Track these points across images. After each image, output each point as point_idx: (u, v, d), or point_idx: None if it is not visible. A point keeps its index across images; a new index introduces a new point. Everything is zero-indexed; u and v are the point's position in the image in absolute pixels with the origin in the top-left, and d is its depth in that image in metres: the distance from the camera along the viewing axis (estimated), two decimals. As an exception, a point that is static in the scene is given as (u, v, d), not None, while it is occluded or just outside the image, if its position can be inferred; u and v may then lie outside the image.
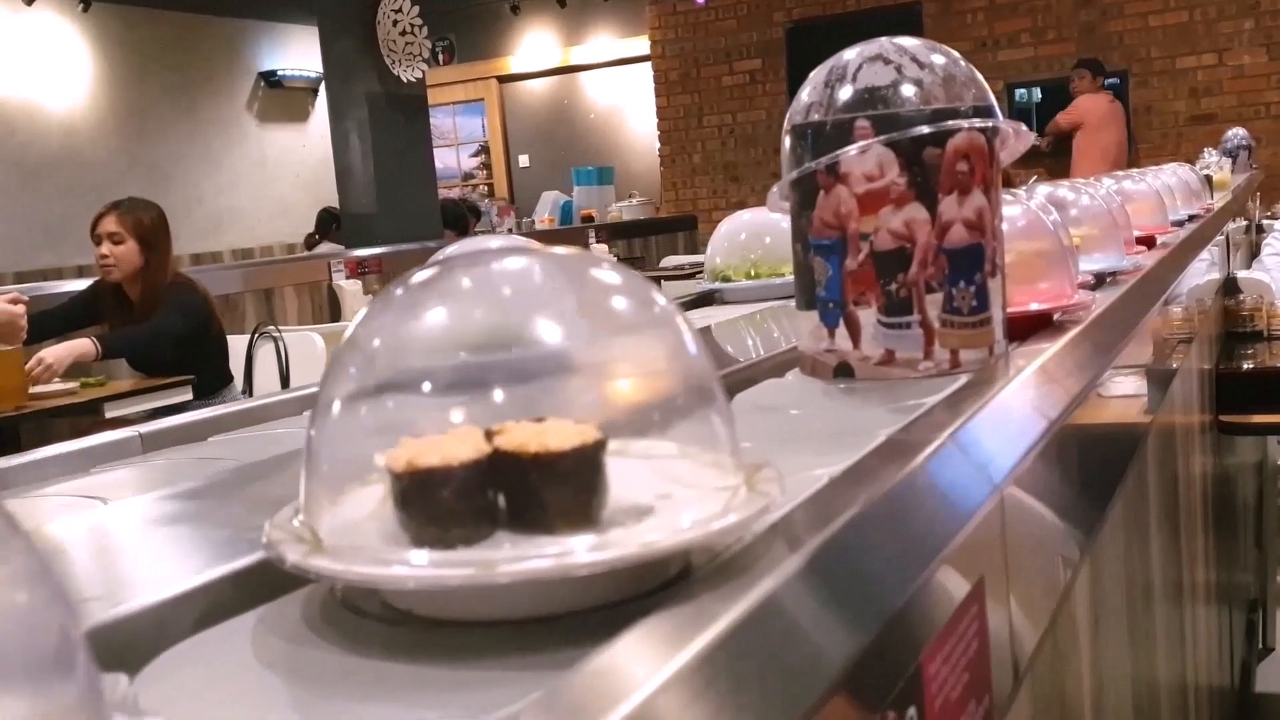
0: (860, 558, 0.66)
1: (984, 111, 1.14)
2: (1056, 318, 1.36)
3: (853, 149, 1.11)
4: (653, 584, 0.60)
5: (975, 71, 1.17)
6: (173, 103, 10.76)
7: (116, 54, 10.43)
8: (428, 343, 0.65)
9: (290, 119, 11.78)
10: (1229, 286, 3.88)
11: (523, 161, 12.89)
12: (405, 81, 8.19)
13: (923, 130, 1.10)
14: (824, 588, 0.60)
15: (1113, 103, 9.84)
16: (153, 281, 4.53)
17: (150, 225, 4.55)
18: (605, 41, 12.44)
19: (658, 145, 11.88)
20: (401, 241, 7.72)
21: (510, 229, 9.15)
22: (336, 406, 0.63)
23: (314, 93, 11.62)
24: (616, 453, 0.62)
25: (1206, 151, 6.27)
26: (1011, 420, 1.03)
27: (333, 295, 7.12)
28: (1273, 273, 4.18)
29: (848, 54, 1.16)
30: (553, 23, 12.53)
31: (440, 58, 11.67)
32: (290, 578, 0.61)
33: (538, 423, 0.61)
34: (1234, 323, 3.75)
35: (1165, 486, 2.02)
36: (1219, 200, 4.58)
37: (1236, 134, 8.22)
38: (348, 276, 7.21)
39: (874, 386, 1.11)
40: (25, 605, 0.32)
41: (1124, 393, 1.59)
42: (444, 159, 12.09)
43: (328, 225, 8.97)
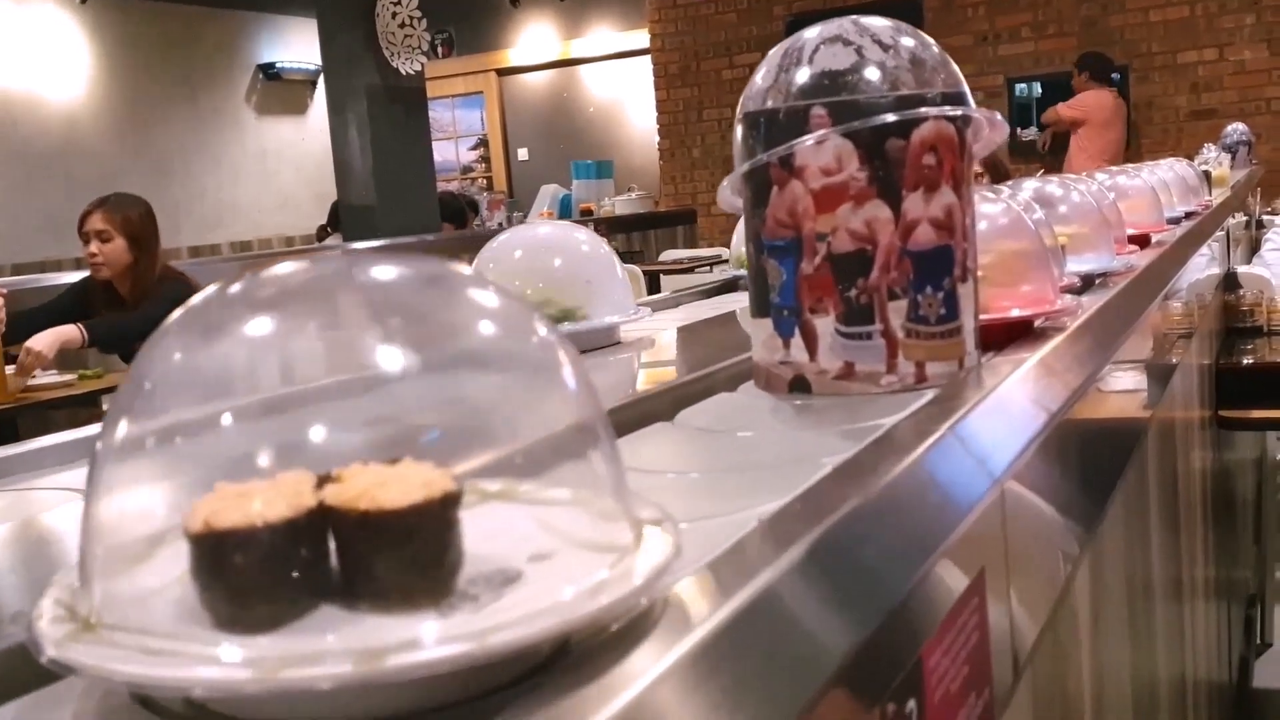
0: (860, 551, 0.66)
1: (954, 99, 1.02)
2: (1038, 324, 1.24)
3: (807, 140, 0.99)
4: (515, 673, 0.48)
5: (946, 55, 1.05)
6: (171, 95, 10.64)
7: (116, 46, 10.32)
8: (253, 366, 0.53)
9: (289, 112, 11.66)
10: (1229, 282, 3.82)
11: (522, 155, 12.76)
12: (404, 74, 8.12)
13: (885, 119, 0.98)
14: (824, 580, 0.60)
15: (1118, 100, 9.69)
16: (143, 277, 4.45)
17: (138, 221, 4.46)
18: (605, 34, 12.30)
19: (657, 139, 11.75)
20: (400, 235, 7.65)
21: (501, 223, 9.03)
22: (128, 441, 0.51)
23: (313, 85, 11.50)
24: (482, 503, 0.51)
25: (1206, 147, 6.14)
26: (1013, 412, 1.02)
27: (332, 289, 7.04)
28: (1273, 268, 4.10)
29: (808, 33, 1.04)
30: (552, 16, 12.40)
31: (439, 50, 11.55)
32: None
33: (391, 465, 0.49)
34: (1234, 318, 3.68)
35: (1165, 482, 1.98)
36: (1218, 196, 4.45)
37: (1236, 129, 8.08)
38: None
39: (831, 404, 1.00)
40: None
41: (1124, 388, 1.55)
42: (443, 152, 11.96)
43: (338, 217, 8.87)
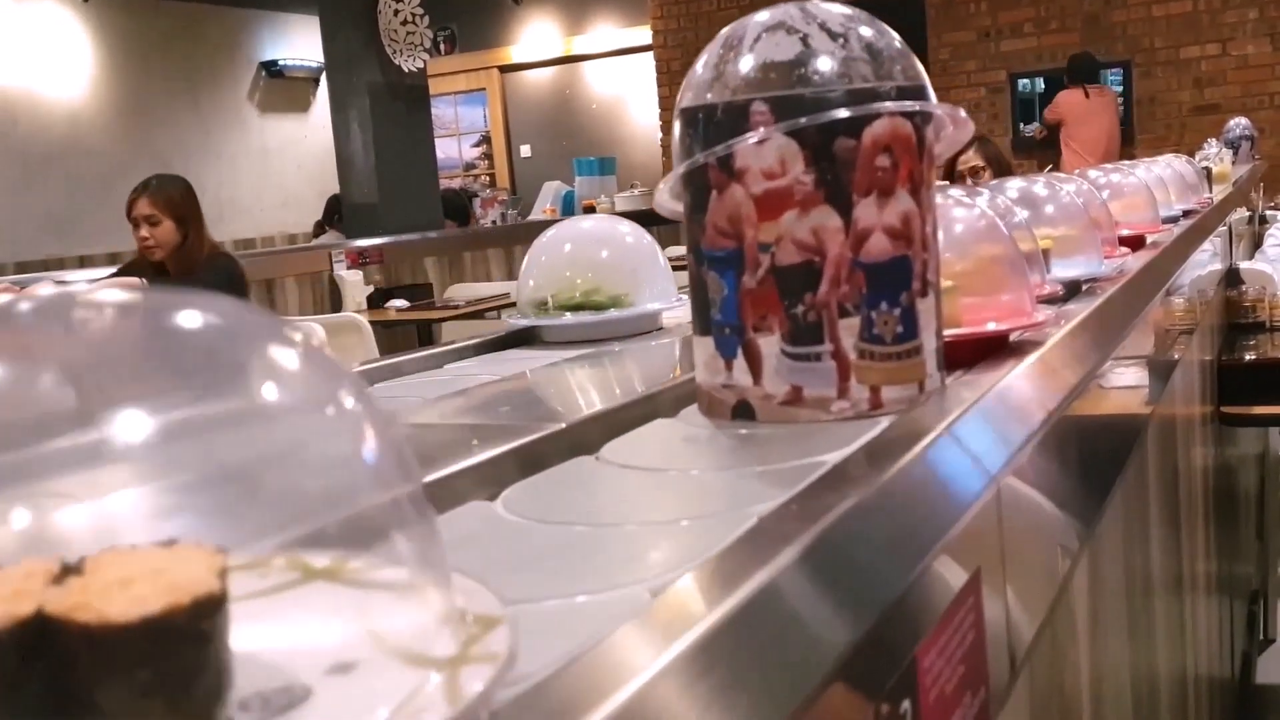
0: (854, 551, 0.65)
1: (912, 93, 0.91)
2: (1014, 338, 1.13)
3: (746, 139, 0.88)
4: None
5: (905, 47, 0.94)
6: (174, 93, 10.54)
7: (118, 44, 10.22)
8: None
9: (291, 109, 11.55)
10: (1231, 278, 3.76)
11: (524, 152, 12.63)
12: (407, 71, 8.02)
13: (832, 116, 0.87)
14: (818, 580, 0.59)
15: (1092, 97, 9.64)
16: (190, 254, 4.56)
17: (181, 201, 4.60)
18: (607, 31, 12.17)
19: (660, 135, 11.61)
20: (403, 232, 7.56)
21: (495, 221, 8.92)
22: None
23: (315, 83, 11.38)
24: (259, 598, 0.41)
25: (1209, 143, 6.02)
26: (1010, 410, 0.99)
27: (334, 286, 6.98)
28: (1276, 264, 4.03)
29: (752, 19, 0.93)
30: (554, 12, 12.27)
31: (442, 47, 11.43)
32: None
33: (164, 548, 0.39)
34: (1236, 314, 3.64)
35: (1166, 478, 1.94)
36: (1219, 193, 4.31)
37: (1239, 124, 7.94)
38: (349, 267, 7.07)
39: (776, 433, 0.89)
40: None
41: (1124, 384, 1.50)
42: (445, 149, 11.85)
43: (335, 212, 8.78)
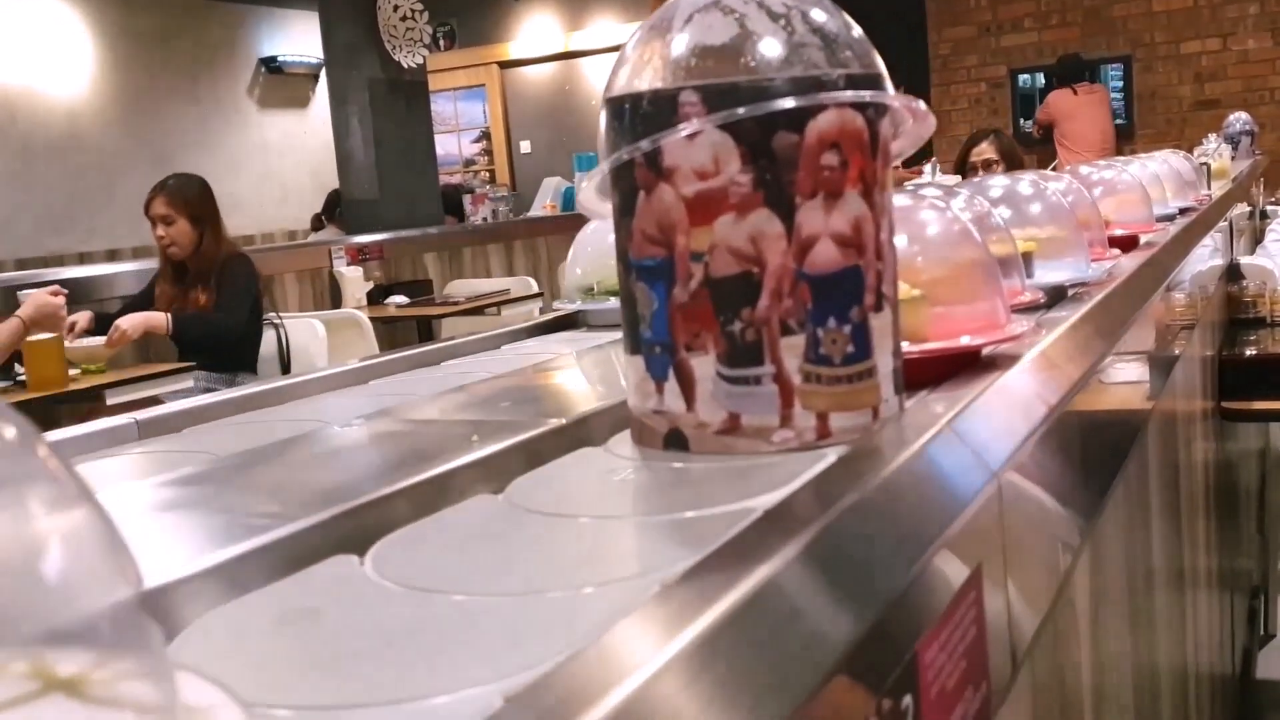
0: (856, 546, 0.64)
1: (864, 82, 0.80)
2: (987, 352, 1.02)
3: (674, 133, 0.77)
4: None
5: (859, 31, 0.83)
6: (174, 89, 10.42)
7: (118, 39, 10.11)
8: None
9: (291, 105, 11.43)
10: (1232, 273, 3.71)
11: (524, 147, 12.49)
12: (406, 67, 7.94)
13: (771, 107, 0.76)
14: (819, 576, 0.59)
15: (1081, 94, 9.63)
16: (207, 253, 4.51)
17: (197, 200, 4.57)
18: (606, 26, 12.01)
19: (661, 131, 11.46)
20: (402, 228, 7.47)
21: (485, 218, 8.81)
22: None
23: (315, 79, 11.24)
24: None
25: (1209, 138, 5.90)
26: (1011, 405, 0.97)
27: (334, 282, 6.91)
28: (1276, 259, 3.97)
29: (689, -2, 0.82)
30: (553, 8, 12.13)
31: (441, 43, 11.33)
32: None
33: None
34: (1237, 309, 3.60)
35: (1167, 473, 1.91)
36: (1218, 190, 4.19)
37: (1239, 119, 7.81)
38: (349, 263, 7.01)
39: (709, 468, 0.78)
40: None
41: (1125, 379, 1.48)
42: (445, 145, 11.71)
43: (334, 207, 8.69)
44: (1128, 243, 1.91)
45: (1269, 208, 5.83)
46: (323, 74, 9.87)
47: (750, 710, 0.48)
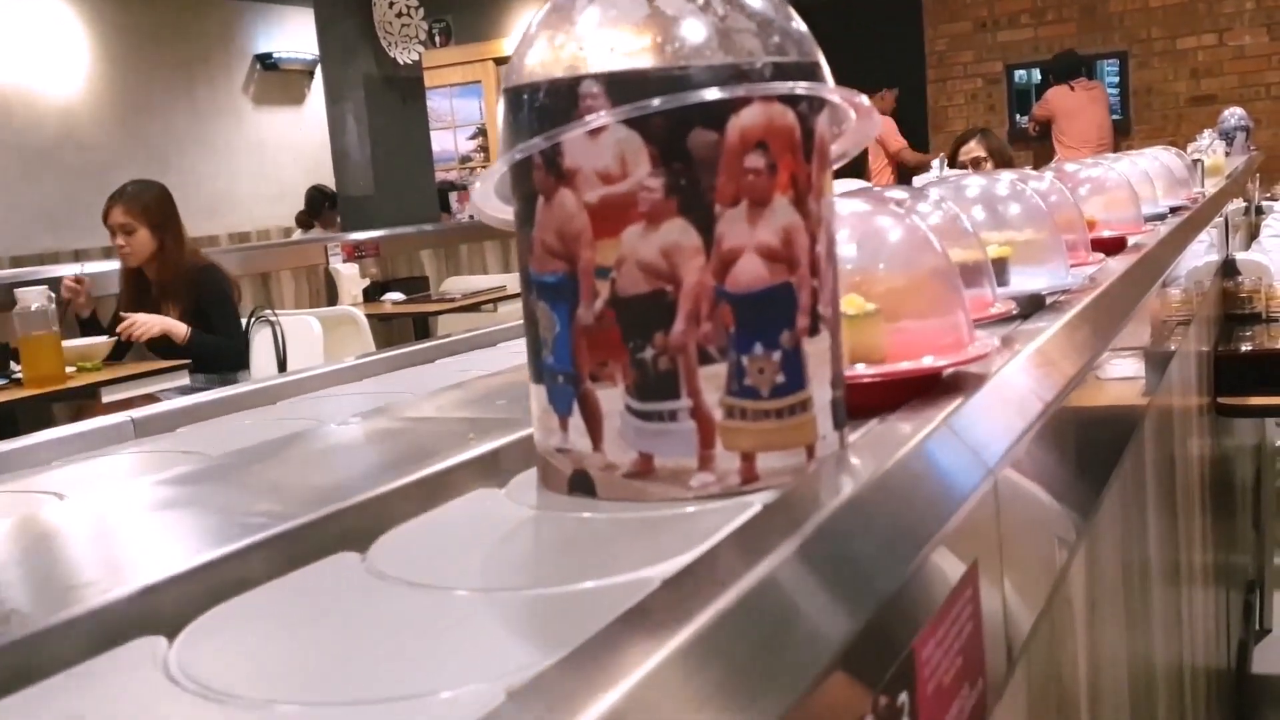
0: (852, 544, 0.63)
1: (799, 72, 0.69)
2: (947, 374, 0.91)
3: (574, 129, 0.66)
4: None
5: (792, 14, 0.72)
6: (169, 86, 10.29)
7: (112, 37, 9.99)
8: None
9: (286, 102, 11.29)
10: (1228, 268, 3.65)
11: (521, 144, 12.37)
12: (401, 64, 7.85)
13: (683, 100, 0.65)
14: (816, 574, 0.57)
15: (1078, 91, 9.54)
16: (170, 261, 4.37)
17: (156, 208, 4.38)
18: (605, 24, 11.91)
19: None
20: (398, 224, 7.39)
21: (472, 215, 8.73)
22: None
23: (310, 75, 11.12)
24: None
25: (1205, 133, 5.79)
26: (1007, 401, 0.95)
27: (329, 279, 6.84)
28: (1272, 255, 3.91)
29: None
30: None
31: (437, 40, 11.19)
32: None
33: None
34: (1233, 305, 3.55)
35: (1162, 469, 1.89)
36: (1211, 187, 4.06)
37: (1234, 114, 7.68)
38: (344, 260, 6.93)
39: (616, 519, 0.66)
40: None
41: (1121, 375, 1.45)
42: (441, 141, 11.56)
43: (319, 204, 8.56)
44: (1114, 245, 1.80)
45: (1265, 203, 5.73)
46: (318, 71, 9.77)
47: (747, 707, 0.47)
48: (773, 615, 0.53)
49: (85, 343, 4.24)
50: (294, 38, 11.15)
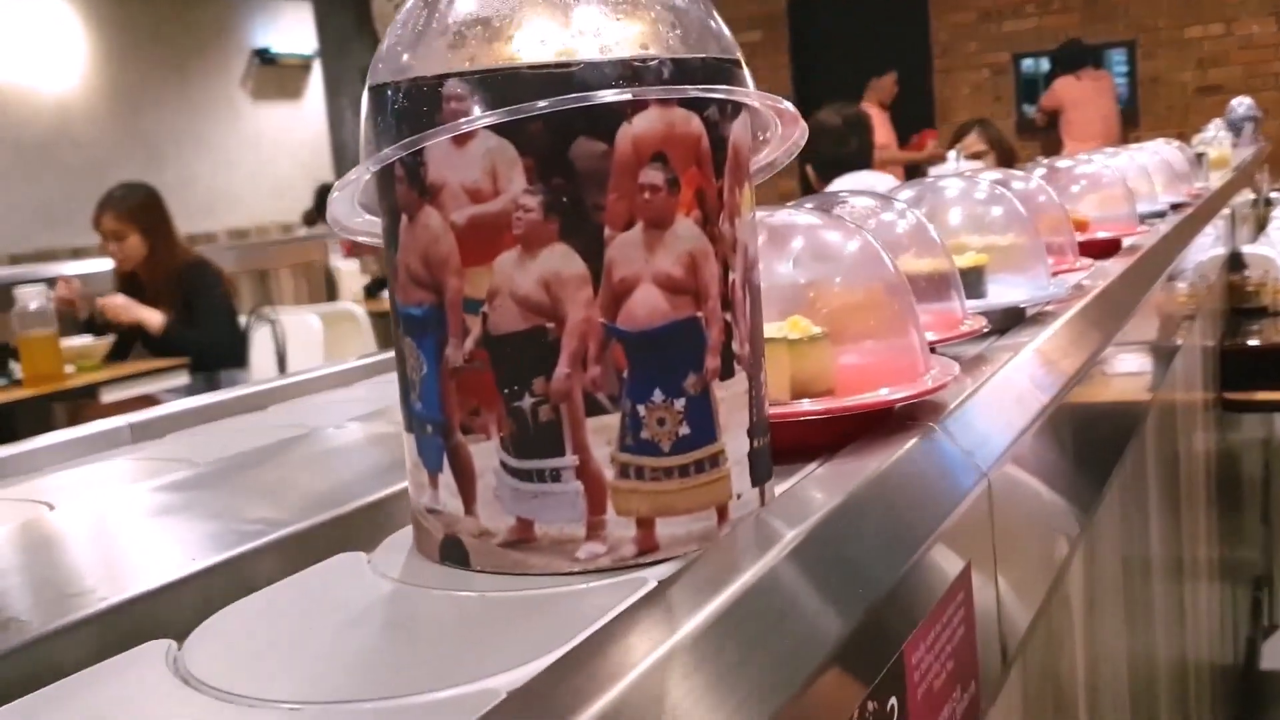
0: (842, 547, 0.62)
1: (707, 72, 0.58)
2: (900, 406, 0.80)
3: (435, 137, 0.56)
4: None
5: (707, 4, 0.61)
6: (166, 81, 10.18)
7: (109, 32, 9.90)
8: None
9: (284, 96, 11.16)
10: (1234, 262, 3.57)
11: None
12: (399, 57, 7.72)
13: (565, 103, 0.54)
14: (804, 577, 0.57)
15: (1085, 81, 9.40)
16: (162, 262, 4.30)
17: (144, 212, 4.31)
18: (607, 16, 11.80)
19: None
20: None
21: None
22: None
23: (307, 69, 11.02)
24: None
25: (1213, 123, 5.67)
26: (1000, 403, 0.93)
27: (329, 276, 6.77)
28: (1279, 248, 3.78)
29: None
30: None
31: (436, 33, 11.08)
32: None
33: None
34: (1239, 298, 3.48)
35: (1166, 465, 1.84)
36: (1217, 180, 3.93)
37: (1242, 104, 7.53)
38: (344, 256, 6.87)
39: (486, 599, 0.56)
40: None
41: (1123, 371, 1.41)
42: (442, 135, 11.49)
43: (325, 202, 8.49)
44: (1106, 247, 1.69)
45: (1273, 195, 5.60)
46: (316, 65, 9.67)
47: (731, 715, 0.46)
48: (755, 623, 0.51)
49: (84, 342, 4.20)
50: (291, 32, 11.03)
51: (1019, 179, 1.35)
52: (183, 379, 4.18)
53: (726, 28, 0.62)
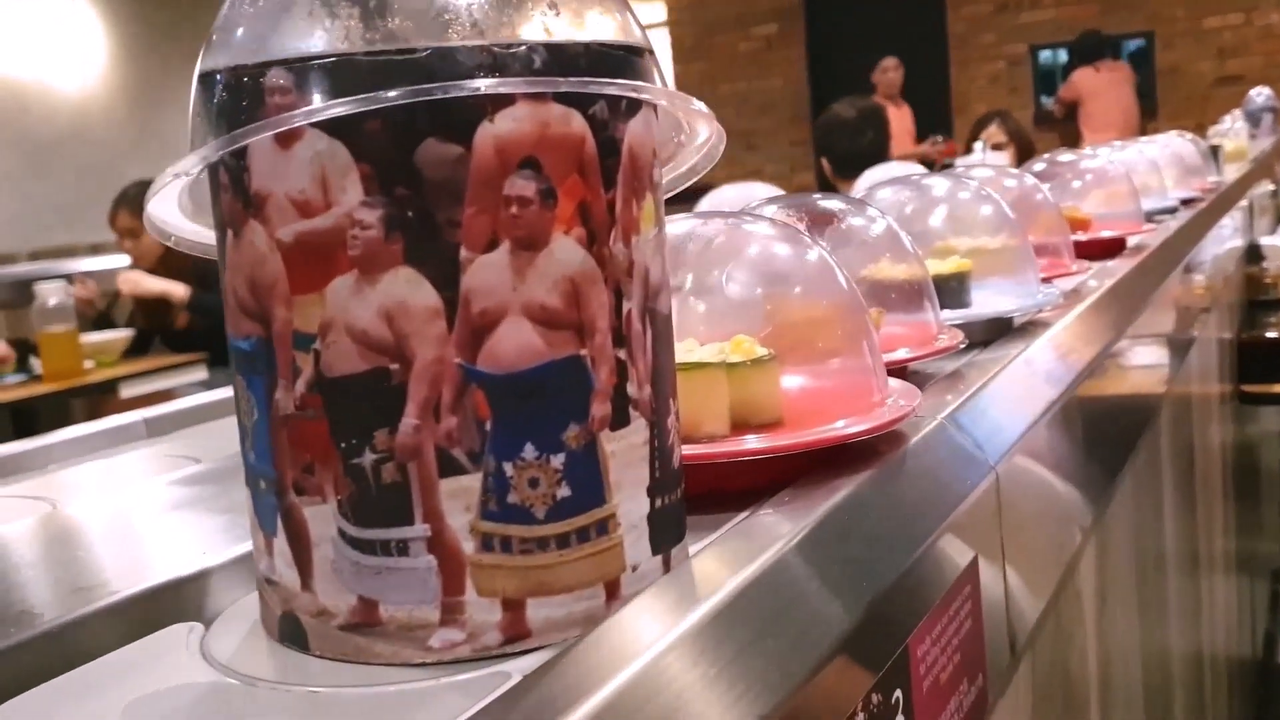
0: (847, 540, 0.60)
1: (594, 61, 0.48)
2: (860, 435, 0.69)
3: (245, 137, 0.46)
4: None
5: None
6: (183, 79, 10.09)
7: (126, 29, 9.86)
8: None
9: (301, 93, 11.16)
10: (1252, 253, 3.49)
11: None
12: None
13: (415, 94, 0.44)
14: (809, 570, 0.55)
15: (1103, 72, 9.25)
16: (177, 260, 4.22)
17: None
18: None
19: (675, 115, 11.09)
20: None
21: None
22: None
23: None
24: None
25: (1228, 116, 5.53)
26: (1010, 396, 0.91)
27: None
28: None
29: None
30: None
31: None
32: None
33: None
34: (1257, 290, 3.38)
35: (1181, 457, 1.80)
36: (1233, 172, 3.79)
37: (1261, 94, 7.36)
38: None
39: (315, 698, 0.46)
40: None
41: (1137, 363, 1.39)
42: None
43: None
44: (1107, 248, 1.57)
45: (1293, 186, 5.47)
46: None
47: (730, 710, 0.45)
48: (756, 617, 0.50)
49: (103, 337, 4.17)
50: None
51: (1013, 176, 1.24)
52: (201, 374, 4.15)
53: (633, 12, 0.51)
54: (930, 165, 7.45)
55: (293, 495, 0.47)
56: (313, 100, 0.44)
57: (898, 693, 0.57)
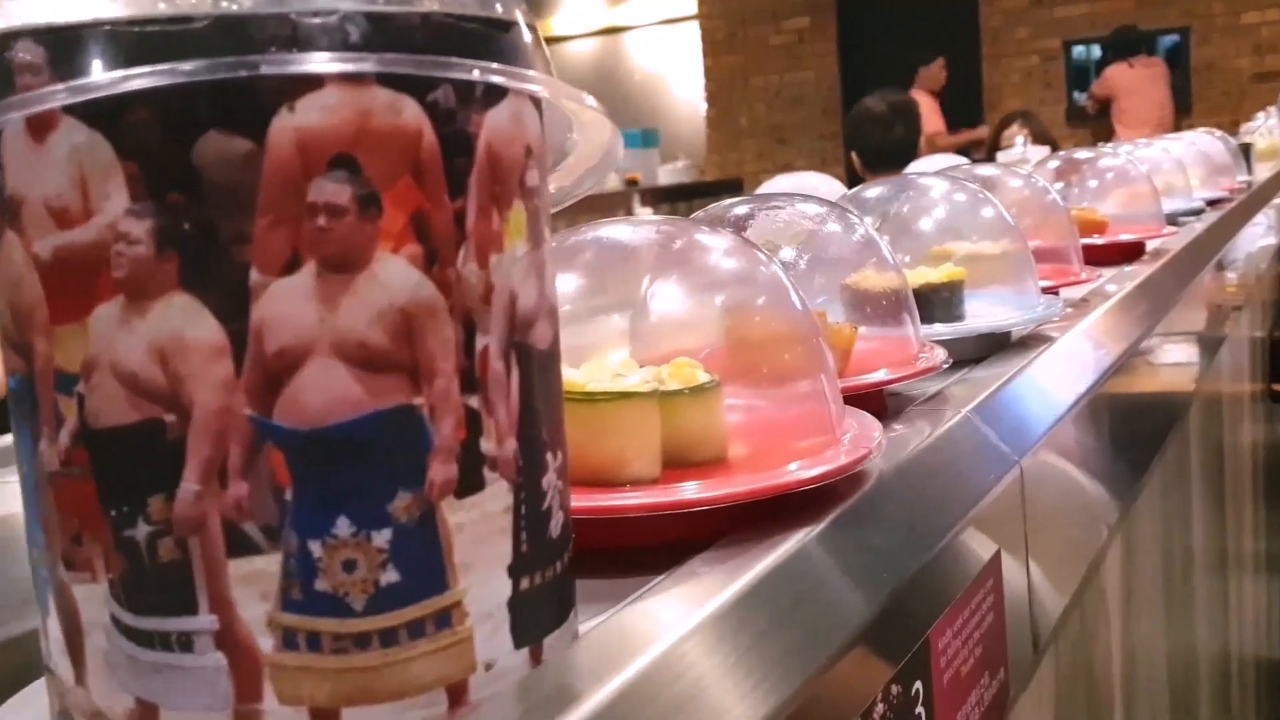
0: (869, 531, 0.59)
1: (437, 37, 0.38)
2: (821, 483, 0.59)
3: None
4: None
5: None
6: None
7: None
8: None
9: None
10: None
11: (567, 124, 12.08)
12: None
13: (177, 74, 0.34)
14: (829, 560, 0.55)
15: (1137, 68, 9.08)
16: None
17: None
18: (650, 1, 11.53)
19: (704, 107, 10.96)
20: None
21: None
22: None
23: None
24: None
25: (1261, 114, 5.36)
26: (1036, 391, 0.89)
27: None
28: None
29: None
30: (596, -18, 11.67)
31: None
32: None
33: None
34: None
35: (1211, 456, 1.78)
36: (1265, 171, 3.62)
37: (1298, 91, 7.19)
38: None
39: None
40: None
41: (1167, 361, 1.37)
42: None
43: None
44: (1128, 251, 1.45)
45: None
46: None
47: (751, 696, 0.44)
48: (775, 607, 0.50)
49: None
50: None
51: (1018, 176, 1.14)
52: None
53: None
54: (966, 153, 7.29)
55: (62, 569, 0.38)
56: (62, 77, 0.35)
57: (918, 684, 0.56)
